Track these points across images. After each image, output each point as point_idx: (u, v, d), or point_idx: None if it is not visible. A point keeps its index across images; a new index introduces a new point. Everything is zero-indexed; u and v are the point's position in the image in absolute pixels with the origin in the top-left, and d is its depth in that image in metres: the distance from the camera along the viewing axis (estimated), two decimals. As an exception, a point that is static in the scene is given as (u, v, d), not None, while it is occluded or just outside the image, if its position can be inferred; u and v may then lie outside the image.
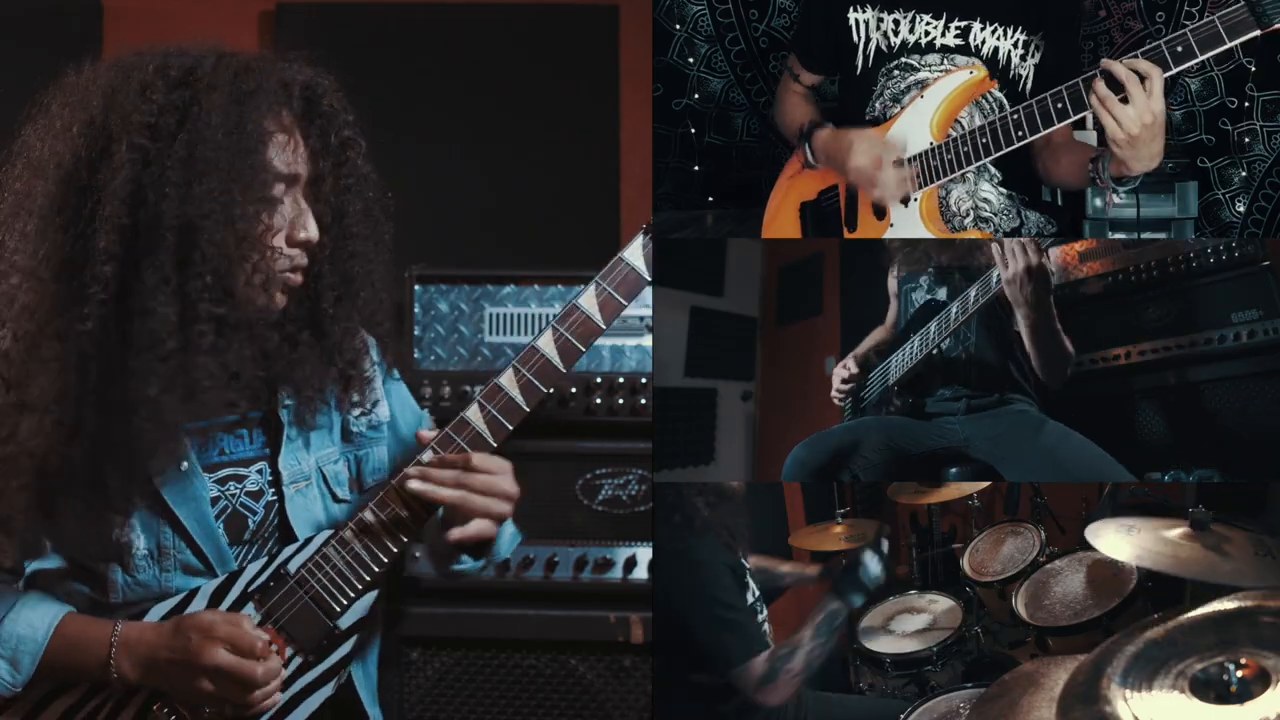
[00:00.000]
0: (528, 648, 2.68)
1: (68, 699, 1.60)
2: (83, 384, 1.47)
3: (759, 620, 2.24)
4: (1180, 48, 1.96)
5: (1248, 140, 2.95)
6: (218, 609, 1.59)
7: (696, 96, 3.17)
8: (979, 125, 2.19)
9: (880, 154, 2.27)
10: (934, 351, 2.41)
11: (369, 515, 1.63)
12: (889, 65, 2.38)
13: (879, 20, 2.38)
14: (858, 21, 2.39)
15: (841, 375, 2.66)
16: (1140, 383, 2.81)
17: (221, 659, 1.52)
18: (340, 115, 1.60)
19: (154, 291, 1.45)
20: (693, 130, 3.18)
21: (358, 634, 1.65)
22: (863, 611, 2.73)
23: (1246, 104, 2.93)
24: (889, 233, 2.35)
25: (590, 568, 2.68)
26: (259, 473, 1.66)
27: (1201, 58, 1.95)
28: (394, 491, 1.63)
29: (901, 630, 2.59)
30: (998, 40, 2.31)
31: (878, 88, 2.39)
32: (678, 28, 3.12)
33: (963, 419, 2.42)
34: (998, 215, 2.39)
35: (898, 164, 2.27)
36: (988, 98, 2.32)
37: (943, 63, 2.33)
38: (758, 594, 2.31)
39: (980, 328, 2.45)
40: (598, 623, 2.65)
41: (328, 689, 1.64)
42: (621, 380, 2.71)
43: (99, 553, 1.57)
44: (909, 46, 2.36)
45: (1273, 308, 2.59)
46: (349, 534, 1.63)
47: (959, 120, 2.30)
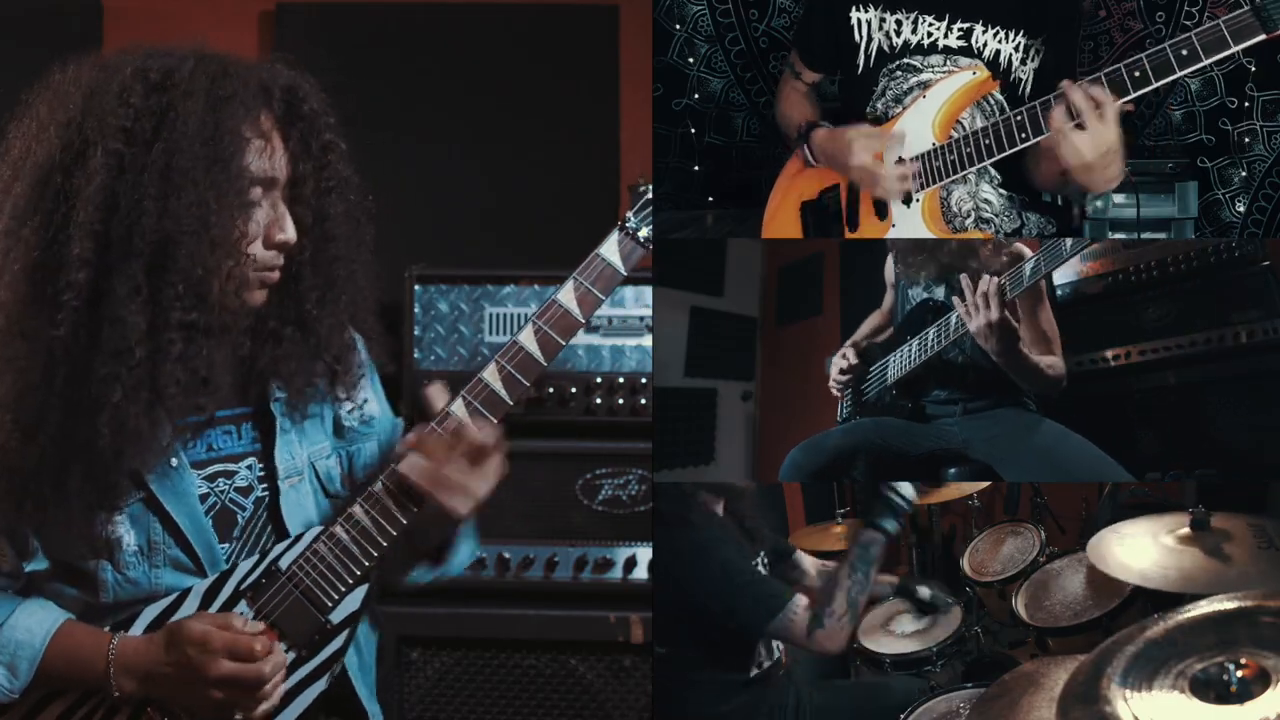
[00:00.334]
0: (528, 648, 2.68)
1: (61, 704, 1.59)
2: (48, 385, 1.47)
3: (772, 577, 2.23)
4: (1185, 51, 1.94)
5: (1248, 140, 2.95)
6: (207, 612, 1.58)
7: (696, 96, 3.16)
8: (982, 126, 2.19)
9: (881, 150, 2.27)
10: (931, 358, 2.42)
11: (358, 510, 1.63)
12: (891, 65, 2.38)
13: (881, 20, 2.38)
14: (859, 21, 2.39)
15: (840, 365, 2.66)
16: (1140, 383, 2.82)
17: (225, 669, 1.52)
18: (321, 118, 1.60)
19: (125, 300, 1.45)
20: (693, 130, 3.18)
21: (349, 628, 1.65)
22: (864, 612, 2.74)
23: (1246, 104, 2.93)
24: (890, 233, 2.34)
25: (590, 568, 2.68)
26: (249, 468, 1.66)
27: (1206, 62, 1.94)
28: (382, 486, 1.63)
29: (901, 630, 2.59)
30: (998, 43, 2.30)
31: (879, 88, 2.39)
32: (678, 28, 3.12)
33: (960, 420, 2.42)
34: (998, 216, 2.39)
35: (898, 161, 2.27)
36: (989, 99, 2.32)
37: (946, 63, 2.33)
38: (766, 568, 2.31)
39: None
40: (598, 623, 2.65)
41: (321, 684, 1.64)
42: (621, 380, 2.71)
43: (86, 551, 1.57)
44: (911, 47, 2.36)
45: (1273, 308, 2.59)
46: (339, 529, 1.63)
47: (960, 121, 2.30)
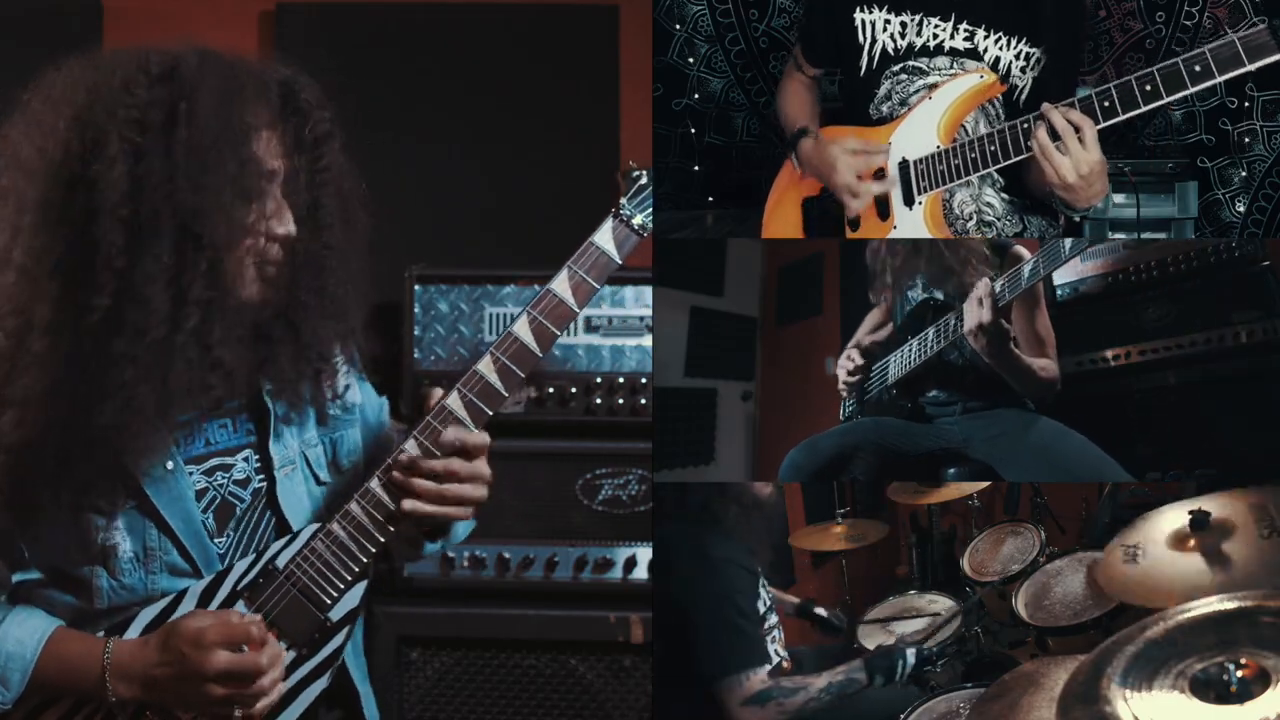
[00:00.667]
0: (528, 648, 2.68)
1: (55, 712, 1.58)
2: (70, 379, 1.47)
3: (765, 630, 2.24)
4: (1199, 67, 1.93)
5: (1248, 140, 2.95)
6: (201, 610, 1.58)
7: (696, 96, 3.16)
8: (988, 133, 2.20)
9: (865, 169, 2.28)
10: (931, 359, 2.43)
11: (355, 507, 1.64)
12: (894, 67, 2.38)
13: (886, 22, 2.38)
14: (864, 22, 2.39)
15: (847, 366, 2.66)
16: (1140, 383, 2.82)
17: (222, 662, 1.52)
18: (315, 110, 1.61)
19: (152, 279, 1.46)
20: (693, 130, 3.18)
21: (349, 625, 1.65)
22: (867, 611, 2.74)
23: (1246, 104, 2.93)
24: (892, 234, 2.35)
25: (590, 568, 2.68)
26: (245, 460, 1.66)
27: (1220, 79, 1.93)
28: (378, 482, 1.64)
29: (901, 631, 2.59)
30: (1000, 50, 2.30)
31: (883, 89, 2.39)
32: (678, 28, 3.12)
33: (960, 420, 2.42)
34: (1000, 220, 2.39)
35: (879, 174, 2.28)
36: (992, 104, 2.32)
37: (952, 66, 2.33)
38: (769, 604, 2.31)
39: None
40: (598, 623, 2.65)
41: (323, 681, 1.64)
42: (621, 380, 2.71)
43: (80, 558, 1.56)
44: (916, 49, 2.35)
45: (1272, 308, 2.59)
46: (336, 526, 1.63)
47: (963, 125, 2.30)
